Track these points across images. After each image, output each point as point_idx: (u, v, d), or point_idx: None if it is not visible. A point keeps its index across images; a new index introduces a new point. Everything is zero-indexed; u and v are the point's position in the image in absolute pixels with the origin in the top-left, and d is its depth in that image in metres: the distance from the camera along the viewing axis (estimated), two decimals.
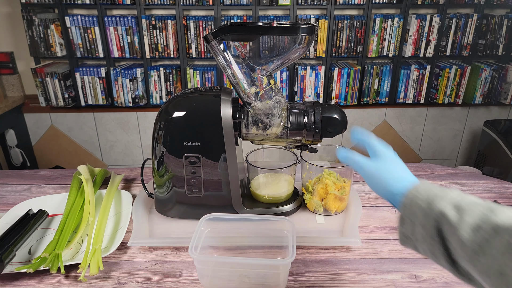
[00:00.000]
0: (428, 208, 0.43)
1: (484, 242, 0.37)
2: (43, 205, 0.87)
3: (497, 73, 2.43)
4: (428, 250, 0.44)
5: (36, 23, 2.23)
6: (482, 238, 0.37)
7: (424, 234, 0.44)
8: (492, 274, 0.36)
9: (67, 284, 0.67)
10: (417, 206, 0.45)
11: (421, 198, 0.45)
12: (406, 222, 0.46)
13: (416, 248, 0.46)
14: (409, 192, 0.47)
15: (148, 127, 2.58)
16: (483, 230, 0.37)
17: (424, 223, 0.43)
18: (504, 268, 0.34)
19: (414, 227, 0.45)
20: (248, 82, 0.74)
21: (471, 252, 0.38)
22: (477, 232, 0.38)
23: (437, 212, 0.42)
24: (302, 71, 2.42)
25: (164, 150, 0.78)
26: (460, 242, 0.39)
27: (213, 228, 0.73)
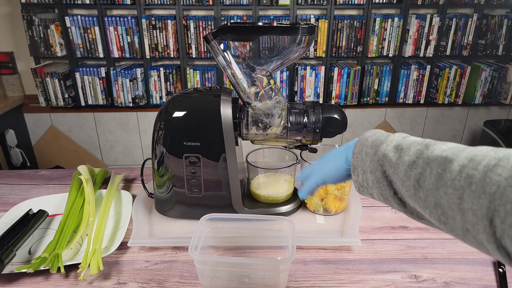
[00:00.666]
0: (374, 153, 0.45)
1: (419, 176, 0.38)
2: (43, 205, 0.87)
3: (497, 73, 2.43)
4: (380, 195, 0.46)
5: (36, 23, 2.23)
6: (417, 173, 0.38)
7: (374, 179, 0.45)
8: (430, 206, 0.37)
9: (67, 284, 0.67)
10: (366, 153, 0.47)
11: (368, 145, 0.47)
12: (358, 171, 0.48)
13: (372, 194, 0.48)
14: (358, 142, 0.49)
15: (148, 127, 2.58)
16: (418, 166, 0.38)
17: (372, 168, 0.45)
18: (438, 198, 0.36)
19: (365, 174, 0.47)
20: (248, 82, 0.74)
21: (411, 188, 0.39)
22: (413, 168, 0.39)
23: (380, 155, 0.44)
24: (302, 71, 2.42)
25: (164, 150, 0.78)
26: (401, 180, 0.40)
27: (213, 228, 0.73)
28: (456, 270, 0.70)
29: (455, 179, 0.34)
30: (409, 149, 0.41)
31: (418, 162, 0.39)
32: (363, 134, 0.50)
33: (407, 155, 0.41)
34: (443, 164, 0.36)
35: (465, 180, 0.33)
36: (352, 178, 0.50)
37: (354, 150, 0.49)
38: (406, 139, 0.44)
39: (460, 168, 0.34)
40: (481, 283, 0.67)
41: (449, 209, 0.35)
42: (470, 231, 0.33)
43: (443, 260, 0.72)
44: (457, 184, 0.34)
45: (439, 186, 0.36)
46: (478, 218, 0.32)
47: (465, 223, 0.33)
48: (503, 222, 0.30)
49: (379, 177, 0.44)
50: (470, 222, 0.33)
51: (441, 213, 0.36)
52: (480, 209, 0.31)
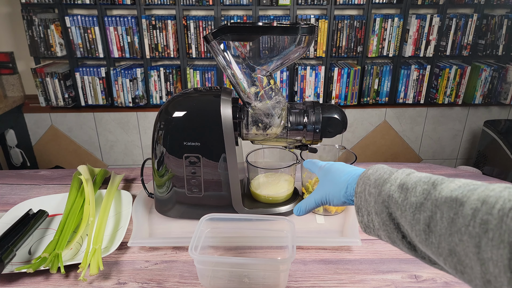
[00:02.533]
0: (378, 194, 0.42)
1: (429, 220, 0.35)
2: (43, 205, 0.87)
3: (497, 73, 2.43)
4: (387, 237, 0.43)
5: (36, 23, 2.23)
6: (427, 216, 0.35)
7: (379, 221, 0.42)
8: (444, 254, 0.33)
9: (67, 284, 0.67)
10: (369, 192, 0.43)
11: (371, 184, 0.44)
12: (362, 212, 0.45)
13: (379, 236, 0.45)
14: (360, 180, 0.46)
15: (148, 127, 2.58)
16: (427, 208, 0.35)
17: (377, 209, 0.42)
18: (452, 245, 0.32)
19: (370, 215, 0.44)
20: (248, 82, 0.74)
21: (421, 233, 0.36)
22: (421, 211, 0.36)
23: (385, 196, 0.41)
24: (302, 71, 2.42)
25: (164, 150, 0.78)
26: (410, 224, 0.37)
27: (213, 228, 0.73)
28: None
29: (469, 225, 0.31)
30: (415, 189, 0.38)
31: (427, 204, 0.35)
32: (364, 172, 0.47)
33: (413, 196, 0.37)
34: (454, 207, 0.33)
35: (479, 226, 0.30)
36: (357, 219, 0.47)
37: (356, 189, 0.46)
38: (411, 176, 0.40)
39: (473, 212, 0.31)
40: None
41: (466, 257, 0.31)
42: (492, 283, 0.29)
43: None
44: (472, 230, 0.30)
45: (453, 232, 0.32)
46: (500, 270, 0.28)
47: (486, 274, 0.29)
48: None
49: (385, 220, 0.41)
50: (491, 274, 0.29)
51: (457, 261, 0.32)
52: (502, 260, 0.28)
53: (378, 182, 0.43)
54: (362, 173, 0.47)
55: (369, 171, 0.46)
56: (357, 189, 0.46)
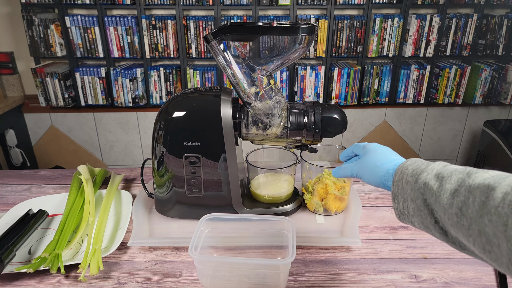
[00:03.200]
0: (415, 182, 0.46)
1: (462, 204, 0.38)
2: (43, 205, 0.87)
3: (497, 73, 2.43)
4: (421, 223, 0.46)
5: (36, 23, 2.23)
6: (460, 201, 0.38)
7: (414, 207, 0.46)
8: (474, 234, 0.37)
9: (67, 284, 0.67)
10: (406, 181, 0.48)
11: (408, 174, 0.48)
12: (398, 199, 0.49)
13: (412, 222, 0.48)
14: (398, 169, 0.50)
15: (148, 127, 2.58)
16: (460, 194, 0.39)
17: (413, 196, 0.46)
18: (482, 226, 0.36)
19: (405, 202, 0.48)
20: (248, 82, 0.74)
21: (453, 216, 0.39)
22: (455, 196, 0.39)
23: (421, 184, 0.45)
24: (302, 71, 2.42)
25: (164, 150, 0.78)
26: (443, 209, 0.41)
27: (213, 228, 0.73)
28: (456, 270, 0.70)
29: (498, 206, 0.34)
30: (450, 178, 0.42)
31: (460, 190, 0.39)
32: (403, 163, 0.51)
33: (448, 183, 0.41)
34: (486, 192, 0.36)
35: (508, 207, 0.33)
36: (393, 205, 0.51)
37: (394, 178, 0.50)
38: (447, 167, 0.44)
39: (503, 196, 0.34)
40: (481, 283, 0.67)
41: (494, 236, 0.35)
42: None
43: (443, 260, 0.72)
44: (501, 211, 0.34)
45: (483, 214, 0.36)
46: None
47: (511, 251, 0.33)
48: None
49: (420, 206, 0.45)
50: None
51: (485, 241, 0.36)
52: None
53: (416, 171, 0.47)
54: (400, 164, 0.51)
55: (408, 162, 0.50)
56: (395, 177, 0.50)
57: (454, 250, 0.75)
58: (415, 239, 0.79)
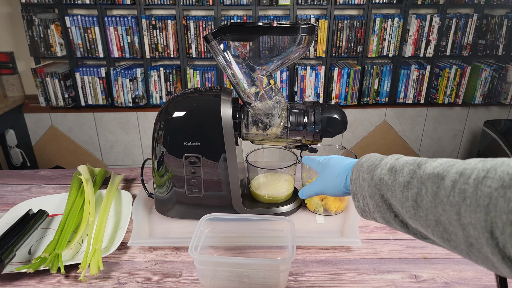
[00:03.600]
0: (370, 178, 0.46)
1: (416, 196, 0.38)
2: (43, 205, 0.87)
3: (497, 73, 2.43)
4: (382, 218, 0.46)
5: (36, 23, 2.23)
6: (414, 193, 0.39)
7: (374, 204, 0.46)
8: (432, 225, 0.37)
9: (67, 284, 0.67)
10: (362, 178, 0.48)
11: (364, 171, 0.48)
12: (358, 197, 0.49)
13: (375, 218, 0.48)
14: (354, 167, 0.50)
15: (148, 127, 2.58)
16: (413, 186, 0.39)
17: (371, 193, 0.46)
18: (437, 216, 0.36)
19: (364, 199, 0.47)
20: (248, 82, 0.74)
21: (410, 208, 0.39)
22: (409, 188, 0.39)
23: (376, 180, 0.45)
24: (302, 71, 2.42)
25: (164, 150, 0.78)
26: (399, 202, 0.41)
27: (213, 228, 0.73)
28: (456, 270, 0.70)
29: (449, 196, 0.34)
30: (402, 170, 0.42)
31: (413, 182, 0.39)
32: (358, 160, 0.51)
33: (401, 176, 0.41)
34: (437, 181, 0.36)
35: (458, 195, 0.34)
36: (354, 204, 0.51)
37: (352, 176, 0.50)
38: (399, 160, 0.44)
39: (453, 184, 0.35)
40: (481, 283, 0.67)
41: (450, 225, 0.35)
42: (474, 245, 0.33)
43: (443, 260, 0.72)
44: (452, 200, 0.34)
45: (437, 204, 0.36)
46: (479, 232, 0.32)
47: (468, 237, 0.33)
48: (503, 233, 0.30)
49: (378, 201, 0.45)
50: (472, 236, 0.33)
51: (443, 230, 0.36)
52: (479, 222, 0.32)
53: (370, 168, 0.47)
54: (356, 162, 0.51)
55: (362, 159, 0.50)
56: (352, 176, 0.50)
57: None
58: (415, 239, 0.78)
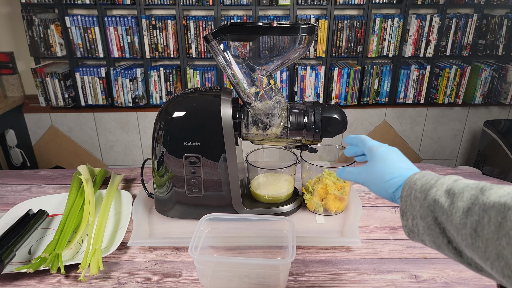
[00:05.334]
0: (424, 198, 0.43)
1: (476, 224, 0.35)
2: (43, 205, 0.87)
3: (497, 73, 2.43)
4: (432, 242, 0.43)
5: (36, 23, 2.23)
6: (474, 221, 0.36)
7: (425, 226, 0.43)
8: (491, 257, 0.34)
9: (67, 284, 0.67)
10: (414, 197, 0.44)
11: (417, 189, 0.44)
12: (407, 216, 0.46)
13: (423, 241, 0.45)
14: (406, 184, 0.47)
15: (148, 127, 2.58)
16: (474, 213, 0.36)
17: (422, 214, 0.43)
18: (499, 248, 0.33)
19: (414, 219, 0.45)
20: (248, 82, 0.74)
21: (467, 237, 0.37)
22: (468, 215, 0.37)
23: (430, 201, 0.42)
24: (302, 71, 2.42)
25: (164, 150, 0.78)
26: (456, 228, 0.38)
27: (213, 228, 0.73)
28: (456, 270, 0.70)
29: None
30: (462, 194, 0.39)
31: (474, 208, 0.36)
32: (410, 176, 0.47)
33: (460, 201, 0.38)
34: (502, 211, 0.34)
35: None
36: (402, 223, 0.47)
37: (402, 193, 0.47)
38: (458, 182, 0.42)
39: None
40: (481, 283, 0.67)
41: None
42: None
43: (443, 260, 0.72)
44: None
45: (500, 236, 0.33)
46: None
47: None
48: None
49: (431, 224, 0.42)
50: None
51: (504, 265, 0.33)
52: None
53: (425, 187, 0.43)
54: (408, 177, 0.47)
55: (416, 176, 0.47)
56: (403, 193, 0.46)
57: None
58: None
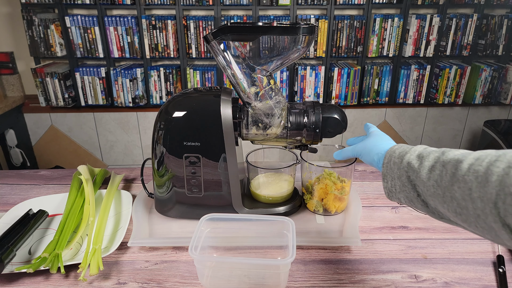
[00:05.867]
0: (400, 162, 0.54)
1: (437, 177, 0.46)
2: (43, 205, 0.87)
3: (497, 73, 2.43)
4: (406, 198, 0.54)
5: (36, 23, 2.23)
6: (436, 174, 0.47)
7: (400, 184, 0.54)
8: (447, 201, 0.45)
9: (67, 284, 0.67)
10: (393, 162, 0.55)
11: (395, 156, 0.56)
12: (387, 178, 0.57)
13: (399, 199, 0.56)
14: (387, 153, 0.58)
15: (148, 127, 2.58)
16: (436, 168, 0.47)
17: (399, 174, 0.54)
18: (453, 193, 0.44)
19: (393, 180, 0.55)
20: (248, 82, 0.74)
21: (431, 187, 0.47)
22: (432, 171, 0.48)
23: (405, 163, 0.53)
24: (302, 71, 2.42)
25: (164, 150, 0.78)
26: (423, 182, 0.49)
27: (213, 228, 0.73)
28: (456, 270, 0.70)
29: (465, 175, 0.42)
30: (428, 156, 0.50)
31: (436, 165, 0.47)
32: (391, 147, 0.59)
33: (427, 161, 0.49)
34: (456, 164, 0.44)
35: (472, 174, 0.41)
36: (383, 185, 0.58)
37: (384, 160, 0.58)
38: (427, 149, 0.52)
39: (469, 166, 0.42)
40: (481, 283, 0.67)
41: (462, 200, 0.43)
42: (480, 216, 0.41)
43: (443, 260, 0.72)
44: (467, 178, 0.42)
45: (453, 182, 0.44)
46: (485, 203, 0.39)
47: (476, 209, 0.41)
48: (504, 203, 0.37)
49: (405, 182, 0.52)
50: (479, 208, 0.40)
51: (456, 205, 0.44)
52: (486, 195, 0.39)
53: (401, 154, 0.55)
54: (389, 148, 0.59)
55: (395, 147, 0.58)
56: (385, 160, 0.58)
57: (454, 250, 0.75)
58: (415, 239, 0.79)
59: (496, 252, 0.75)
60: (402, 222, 0.85)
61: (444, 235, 0.80)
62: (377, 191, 0.99)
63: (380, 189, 0.99)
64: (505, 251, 0.75)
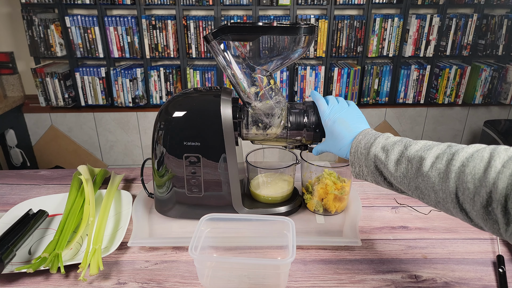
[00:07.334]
0: (367, 154, 0.61)
1: (404, 170, 0.54)
2: (43, 205, 0.87)
3: (497, 73, 2.43)
4: (373, 180, 0.62)
5: (36, 23, 2.23)
6: (403, 168, 0.55)
7: (368, 171, 0.62)
8: (412, 189, 0.54)
9: (67, 284, 0.67)
10: (360, 153, 0.63)
11: (361, 147, 0.63)
12: (355, 165, 0.64)
13: (366, 179, 0.64)
14: (353, 143, 0.65)
15: (148, 127, 2.58)
16: (402, 162, 0.55)
17: (367, 164, 0.61)
18: (417, 184, 0.53)
19: (361, 167, 0.63)
20: (248, 82, 0.74)
21: (398, 178, 0.56)
22: (399, 164, 0.55)
23: (372, 156, 0.60)
24: (302, 71, 2.42)
25: (164, 150, 0.78)
26: (390, 173, 0.57)
27: (213, 228, 0.73)
28: (456, 270, 0.70)
29: (428, 171, 0.50)
30: (393, 150, 0.57)
31: (402, 159, 0.55)
32: (356, 137, 0.65)
33: (392, 154, 0.57)
34: (420, 161, 0.52)
35: (435, 171, 0.50)
36: (351, 169, 0.66)
37: (351, 150, 0.65)
38: (388, 140, 0.59)
39: (431, 164, 0.50)
40: (481, 283, 0.67)
41: (425, 190, 0.52)
42: (440, 203, 0.50)
43: (443, 260, 0.72)
44: (430, 174, 0.50)
45: (418, 176, 0.52)
46: (446, 194, 0.49)
47: (437, 198, 0.50)
48: (463, 194, 0.46)
49: (373, 170, 0.60)
50: (440, 197, 0.50)
51: (420, 193, 0.53)
52: (447, 189, 0.48)
53: (367, 145, 0.61)
54: (354, 138, 0.65)
55: (359, 136, 0.64)
56: (351, 149, 0.65)
57: (454, 250, 0.75)
58: (415, 239, 0.79)
59: (496, 252, 0.75)
60: (402, 222, 0.85)
61: (444, 235, 0.80)
62: (377, 191, 0.99)
63: (380, 189, 0.99)
64: (505, 251, 0.75)
